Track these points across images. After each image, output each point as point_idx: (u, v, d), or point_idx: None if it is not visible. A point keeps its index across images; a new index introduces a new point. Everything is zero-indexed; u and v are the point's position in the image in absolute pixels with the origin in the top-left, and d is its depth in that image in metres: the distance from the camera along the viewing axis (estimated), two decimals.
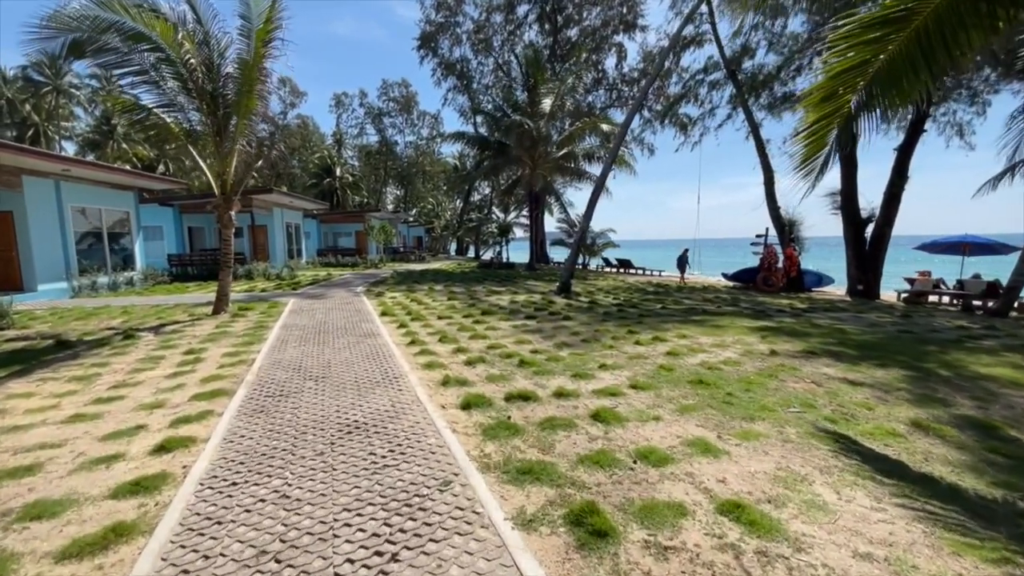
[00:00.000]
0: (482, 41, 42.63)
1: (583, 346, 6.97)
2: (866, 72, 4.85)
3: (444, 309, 10.57)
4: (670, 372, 5.54)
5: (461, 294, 13.48)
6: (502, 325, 8.70)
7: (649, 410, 4.31)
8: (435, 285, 16.06)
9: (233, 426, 3.95)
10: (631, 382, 5.14)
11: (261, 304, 11.14)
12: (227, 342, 7.25)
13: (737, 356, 6.38)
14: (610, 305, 11.50)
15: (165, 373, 5.69)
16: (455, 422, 4.03)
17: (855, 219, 15.37)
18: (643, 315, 9.89)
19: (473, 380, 5.22)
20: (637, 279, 21.39)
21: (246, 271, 19.11)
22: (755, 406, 4.40)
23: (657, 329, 8.28)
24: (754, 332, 8.07)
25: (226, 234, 9.75)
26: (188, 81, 8.57)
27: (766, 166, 19.10)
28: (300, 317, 9.30)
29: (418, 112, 54.87)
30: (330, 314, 9.63)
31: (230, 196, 9.63)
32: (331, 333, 7.70)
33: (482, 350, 6.68)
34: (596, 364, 5.90)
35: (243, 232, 23.32)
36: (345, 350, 6.54)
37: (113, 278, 15.01)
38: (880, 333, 8.21)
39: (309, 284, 16.34)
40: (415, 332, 7.88)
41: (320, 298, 12.34)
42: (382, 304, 11.25)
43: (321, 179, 48.82)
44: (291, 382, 5.12)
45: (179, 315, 9.78)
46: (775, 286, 16.45)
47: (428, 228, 53.77)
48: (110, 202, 15.50)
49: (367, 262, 28.39)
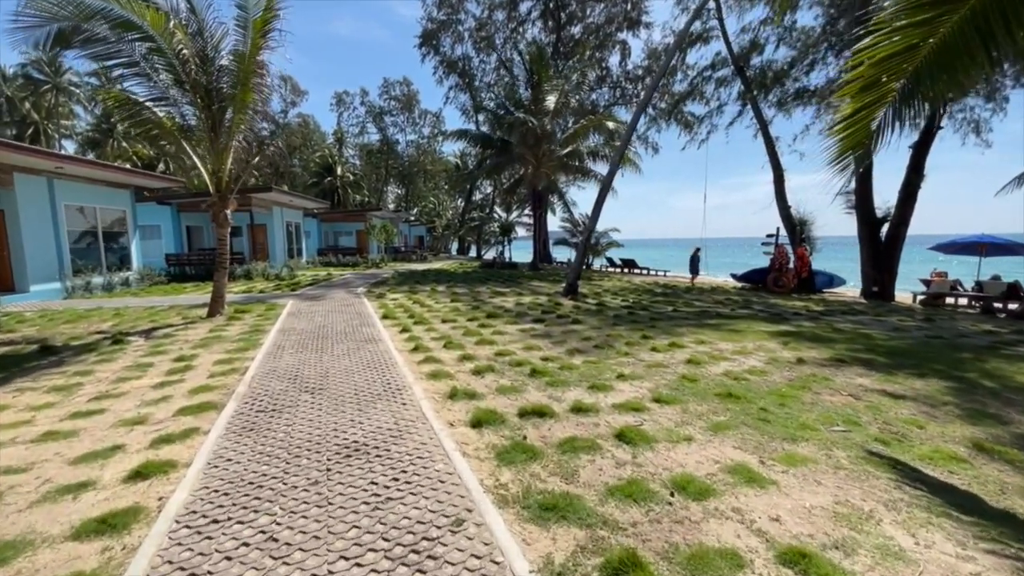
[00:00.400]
0: (484, 39, 42.20)
1: (596, 353, 6.57)
2: (913, 57, 4.42)
3: (448, 312, 10.18)
4: (694, 383, 5.14)
5: (465, 295, 13.09)
6: (509, 329, 8.30)
7: (678, 428, 3.91)
8: (438, 286, 15.67)
9: (219, 447, 3.56)
10: (654, 395, 4.74)
11: (258, 306, 10.76)
12: (220, 348, 6.86)
13: (762, 365, 5.98)
14: (619, 307, 11.10)
15: (152, 383, 5.31)
16: (465, 443, 3.63)
17: (870, 218, 14.94)
18: (655, 318, 9.48)
19: (482, 392, 4.82)
20: (643, 279, 20.99)
21: (245, 271, 18.75)
22: (794, 424, 4.00)
23: (672, 334, 7.87)
24: (775, 337, 7.67)
25: (221, 234, 9.37)
26: (181, 73, 8.18)
27: (775, 164, 18.67)
28: (298, 320, 8.91)
29: (419, 111, 54.51)
30: (329, 317, 9.25)
31: (226, 194, 9.25)
32: (330, 338, 7.31)
33: (490, 357, 6.28)
34: (613, 374, 5.50)
35: (242, 231, 22.95)
36: (344, 357, 6.15)
37: (108, 278, 14.65)
38: (908, 338, 7.80)
39: (309, 284, 15.96)
40: (418, 337, 7.49)
41: (319, 299, 11.96)
42: (383, 306, 10.86)
43: (322, 178, 48.46)
44: (286, 395, 4.73)
45: (173, 318, 9.40)
46: (786, 287, 16.03)
47: (429, 227, 53.40)
48: (105, 200, 15.13)
49: (368, 262, 28.02)
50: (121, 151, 41.87)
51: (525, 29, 38.53)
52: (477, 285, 16.10)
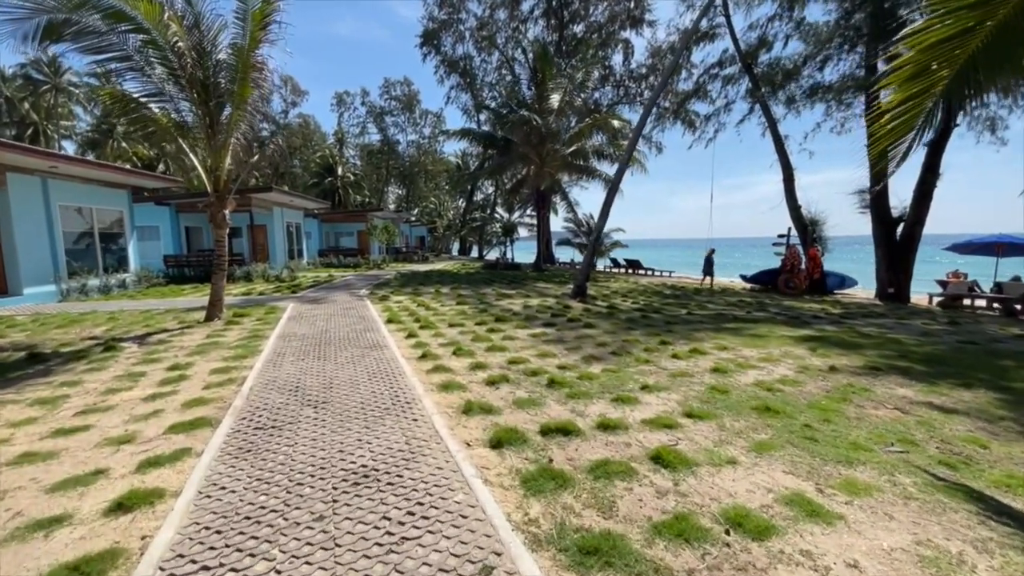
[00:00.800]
0: (485, 38, 41.95)
1: (615, 360, 6.22)
2: (967, 43, 4.07)
3: (454, 315, 9.82)
4: (725, 395, 4.78)
5: (470, 298, 12.74)
6: (519, 334, 7.94)
7: (718, 449, 3.55)
8: (441, 287, 15.32)
9: (212, 472, 3.20)
10: (684, 408, 4.38)
11: (258, 309, 10.41)
12: (217, 355, 6.50)
13: (793, 374, 5.62)
14: (631, 310, 10.74)
15: (143, 394, 4.96)
16: (486, 467, 3.27)
17: (886, 218, 14.57)
18: (670, 322, 9.12)
19: (499, 406, 4.47)
20: (649, 281, 20.63)
21: (244, 272, 18.41)
22: (845, 443, 3.64)
23: (691, 339, 7.51)
24: (799, 343, 7.31)
25: (219, 235, 9.02)
26: (176, 67, 7.83)
27: (785, 163, 18.31)
28: (299, 325, 8.56)
29: (420, 111, 54.23)
30: (332, 321, 8.89)
31: (224, 194, 8.90)
32: (333, 344, 6.96)
33: (503, 365, 5.93)
34: (636, 384, 5.14)
35: (242, 232, 22.62)
36: (349, 365, 5.80)
37: (105, 280, 14.31)
38: (939, 344, 7.44)
39: (310, 286, 15.61)
40: (426, 343, 7.13)
41: (321, 302, 11.61)
42: (387, 309, 10.51)
43: (323, 178, 48.17)
44: (286, 409, 4.37)
45: (169, 322, 9.05)
46: (798, 289, 15.67)
47: (431, 228, 53.05)
48: (102, 201, 14.79)
49: (369, 263, 27.68)
50: (121, 151, 41.57)
51: (527, 28, 38.25)
52: (482, 287, 15.75)
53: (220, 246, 9.04)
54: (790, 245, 16.37)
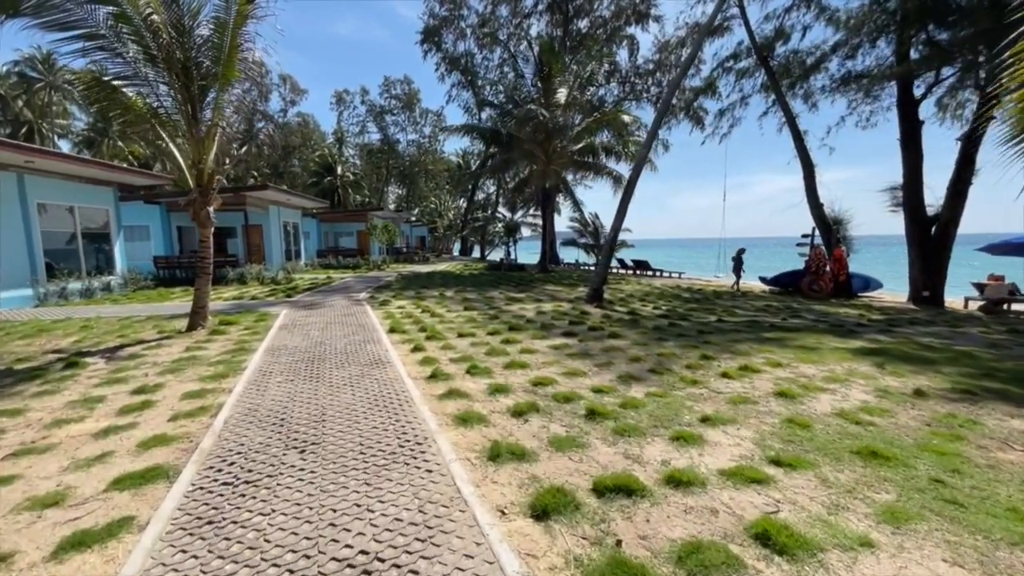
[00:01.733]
0: (487, 35, 41.21)
1: (656, 380, 5.33)
2: None
3: (463, 323, 8.93)
4: (807, 431, 3.89)
5: (477, 302, 11.85)
6: (538, 346, 7.06)
7: (836, 518, 2.66)
8: (446, 291, 14.43)
9: (154, 562, 2.31)
10: (765, 451, 3.50)
11: (247, 316, 9.51)
12: (193, 374, 5.61)
13: (874, 399, 4.73)
14: (655, 317, 9.85)
15: (95, 428, 4.07)
16: (531, 553, 2.38)
17: (920, 216, 13.68)
18: (703, 331, 8.23)
19: (532, 448, 3.57)
20: (663, 283, 19.75)
21: (238, 275, 17.53)
22: (1000, 508, 2.75)
23: (736, 353, 6.62)
24: (859, 357, 6.41)
25: (204, 234, 8.12)
26: (152, 45, 6.94)
27: (805, 159, 17.42)
28: (292, 335, 7.67)
29: (420, 110, 53.41)
30: (328, 331, 8.00)
31: (208, 189, 8.01)
32: (328, 360, 6.06)
33: (527, 388, 5.04)
34: (693, 415, 4.25)
35: (237, 232, 21.77)
36: (346, 389, 4.90)
37: (88, 283, 13.41)
38: (1018, 358, 6.54)
39: (306, 289, 14.72)
40: (435, 358, 6.24)
41: (317, 308, 10.71)
42: (389, 316, 9.62)
43: (322, 177, 47.32)
44: (266, 452, 3.48)
45: (147, 331, 8.15)
46: (823, 291, 14.79)
47: (431, 228, 52.20)
48: (85, 198, 13.89)
49: (369, 263, 26.80)
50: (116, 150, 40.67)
51: (530, 24, 37.46)
52: (488, 289, 14.87)
53: (204, 247, 8.15)
54: (814, 245, 15.50)
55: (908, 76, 12.73)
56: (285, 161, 51.88)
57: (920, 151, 13.54)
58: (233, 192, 19.37)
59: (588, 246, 31.53)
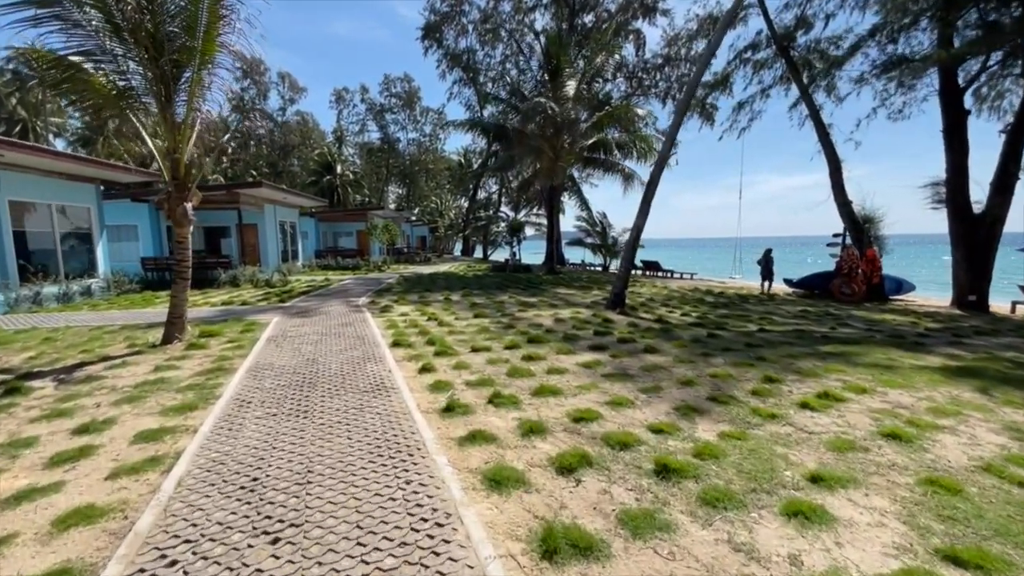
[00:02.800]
0: (489, 31, 40.41)
1: (722, 413, 4.32)
2: None
3: (475, 333, 7.93)
4: (963, 499, 2.88)
5: (487, 308, 10.83)
6: (565, 362, 6.05)
7: None
8: (451, 294, 13.43)
9: None
10: (924, 536, 2.49)
11: (234, 325, 8.51)
12: (156, 404, 4.61)
13: (1013, 442, 3.72)
14: (687, 325, 8.84)
15: (7, 490, 3.07)
16: None
17: (966, 214, 12.66)
18: (751, 344, 7.21)
19: (599, 532, 2.55)
20: (679, 284, 18.73)
21: (231, 277, 16.53)
22: None
23: (800, 372, 5.62)
24: (951, 379, 5.41)
25: (180, 234, 7.11)
26: (115, 12, 5.93)
27: (831, 154, 16.40)
28: (280, 350, 6.65)
29: (421, 108, 52.53)
30: (322, 344, 6.99)
31: (185, 182, 7.00)
32: (320, 385, 5.06)
33: (567, 425, 4.03)
34: (794, 468, 3.24)
35: (231, 232, 20.79)
36: (340, 429, 3.89)
37: (65, 287, 12.39)
38: None
39: (302, 293, 13.72)
40: (448, 382, 5.23)
41: (312, 314, 9.71)
42: (392, 325, 8.61)
43: (321, 176, 46.39)
44: (225, 540, 2.47)
45: (116, 344, 7.15)
46: (855, 295, 13.78)
47: (432, 228, 51.25)
48: (64, 196, 12.89)
49: (369, 264, 25.80)
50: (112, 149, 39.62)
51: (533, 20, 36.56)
52: (496, 293, 13.86)
53: (181, 248, 7.13)
54: (846, 246, 14.50)
55: (956, 61, 11.73)
56: (284, 160, 50.98)
57: (966, 143, 12.53)
58: (226, 189, 18.38)
59: (595, 246, 30.53)
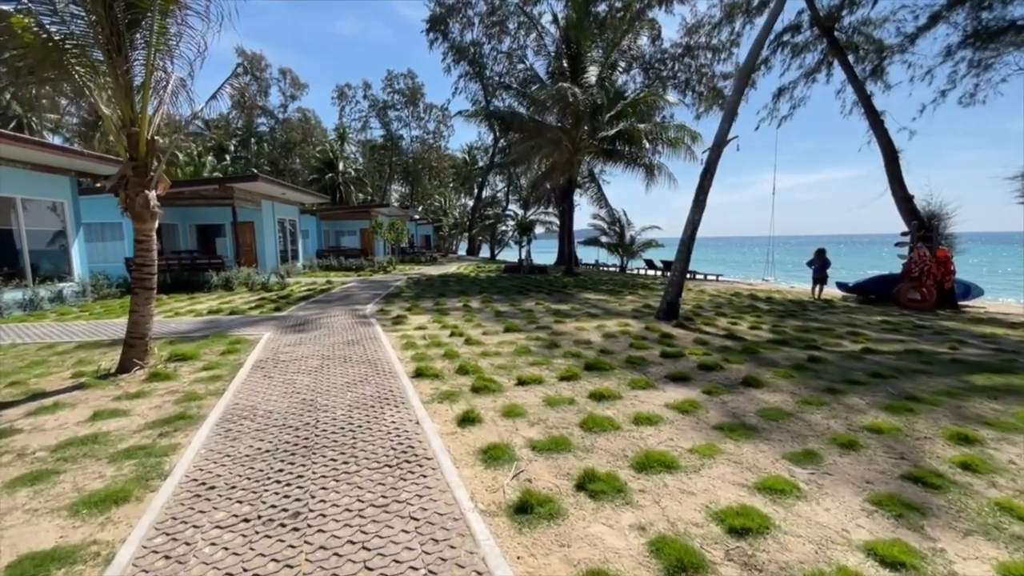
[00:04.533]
0: (496, 23, 39.18)
1: (949, 509, 2.72)
2: None
3: (512, 353, 6.34)
4: None
5: (516, 318, 9.24)
6: (650, 403, 4.46)
7: None
8: (469, 300, 11.85)
9: None
10: None
11: (216, 343, 6.93)
12: (70, 488, 3.02)
13: None
14: (767, 342, 7.22)
15: None
16: None
17: None
18: (879, 374, 5.57)
19: None
20: (714, 287, 17.07)
21: (223, 280, 14.97)
22: None
23: (988, 422, 4.00)
24: None
25: (141, 232, 5.52)
26: None
27: (886, 143, 14.75)
28: (269, 383, 5.07)
29: (424, 105, 51.27)
30: (324, 373, 5.40)
31: (148, 165, 5.42)
32: (321, 450, 3.47)
33: (726, 542, 2.43)
34: None
35: (225, 231, 19.25)
36: (356, 556, 2.32)
37: (32, 292, 10.86)
38: None
39: (302, 298, 12.16)
40: (505, 445, 3.61)
41: (312, 328, 8.14)
42: (409, 344, 7.02)
43: (323, 174, 44.96)
44: None
45: (61, 371, 5.58)
46: (926, 301, 12.15)
47: (436, 227, 49.77)
48: (32, 189, 11.34)
49: (374, 265, 24.22)
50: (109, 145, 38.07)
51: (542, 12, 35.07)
52: (519, 298, 12.28)
53: (142, 250, 5.55)
54: (916, 246, 12.85)
55: None
56: (286, 158, 49.68)
57: None
58: (219, 183, 16.85)
59: (615, 246, 28.91)
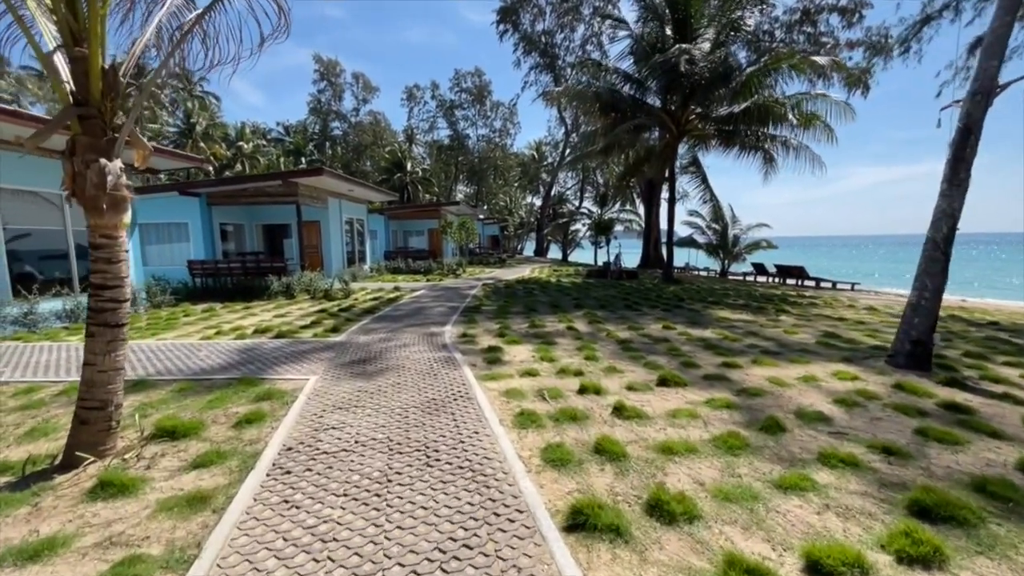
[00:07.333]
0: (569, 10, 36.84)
1: None
2: None
3: (708, 442, 3.45)
4: None
5: (653, 352, 6.29)
6: None
7: None
8: (570, 318, 9.05)
9: None
10: None
11: (236, 396, 4.67)
12: None
13: None
14: None
15: None
16: None
17: None
18: None
19: None
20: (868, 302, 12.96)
21: (284, 286, 13.33)
22: None
23: None
24: None
25: (100, 229, 3.28)
26: None
27: None
28: (285, 531, 2.58)
29: (491, 103, 50.02)
30: (387, 500, 2.84)
31: (106, 114, 3.16)
32: None
33: None
34: None
35: (291, 231, 17.97)
36: None
37: (74, 302, 9.46)
38: None
39: (366, 311, 10.01)
40: None
41: (373, 369, 5.72)
42: (522, 413, 4.32)
43: (391, 174, 44.99)
44: None
45: None
46: None
47: (502, 226, 47.97)
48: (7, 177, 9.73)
49: (443, 267, 22.18)
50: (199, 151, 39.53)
51: None
52: (632, 316, 9.31)
53: (102, 262, 3.30)
54: None
55: None
56: (358, 160, 50.42)
57: None
58: (281, 178, 15.37)
59: (714, 248, 24.92)
